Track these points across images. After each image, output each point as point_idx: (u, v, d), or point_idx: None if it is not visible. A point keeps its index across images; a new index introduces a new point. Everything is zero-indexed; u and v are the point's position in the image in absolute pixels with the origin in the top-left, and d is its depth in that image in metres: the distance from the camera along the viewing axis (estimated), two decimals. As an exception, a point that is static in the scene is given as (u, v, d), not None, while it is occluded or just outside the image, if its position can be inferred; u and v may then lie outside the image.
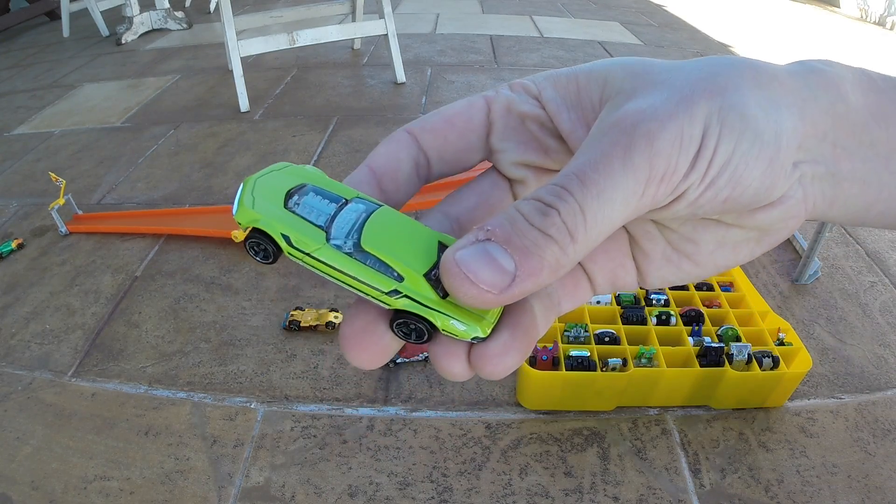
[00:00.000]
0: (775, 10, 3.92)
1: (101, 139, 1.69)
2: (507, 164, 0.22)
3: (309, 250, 0.17)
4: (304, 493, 0.71)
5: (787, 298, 1.07)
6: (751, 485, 0.74)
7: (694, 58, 0.19)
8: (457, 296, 0.16)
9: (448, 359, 0.18)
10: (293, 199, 0.18)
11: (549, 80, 0.22)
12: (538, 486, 0.73)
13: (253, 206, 0.18)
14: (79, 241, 1.21)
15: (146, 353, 0.92)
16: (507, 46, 2.56)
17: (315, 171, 0.20)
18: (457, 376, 0.18)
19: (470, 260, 0.16)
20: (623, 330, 0.84)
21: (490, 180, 0.22)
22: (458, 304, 0.17)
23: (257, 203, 0.18)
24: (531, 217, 0.16)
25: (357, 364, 0.19)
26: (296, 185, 0.19)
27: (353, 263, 0.17)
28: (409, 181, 0.21)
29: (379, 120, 1.78)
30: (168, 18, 2.85)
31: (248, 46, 1.81)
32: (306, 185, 0.19)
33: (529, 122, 0.21)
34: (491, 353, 0.17)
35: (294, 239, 0.18)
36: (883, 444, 0.80)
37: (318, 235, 0.18)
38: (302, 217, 0.18)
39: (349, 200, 0.18)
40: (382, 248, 0.17)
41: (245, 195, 0.18)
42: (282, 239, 0.18)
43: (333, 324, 0.95)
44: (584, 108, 0.20)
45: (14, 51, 2.71)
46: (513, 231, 0.16)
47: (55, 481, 0.73)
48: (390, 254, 0.17)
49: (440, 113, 0.22)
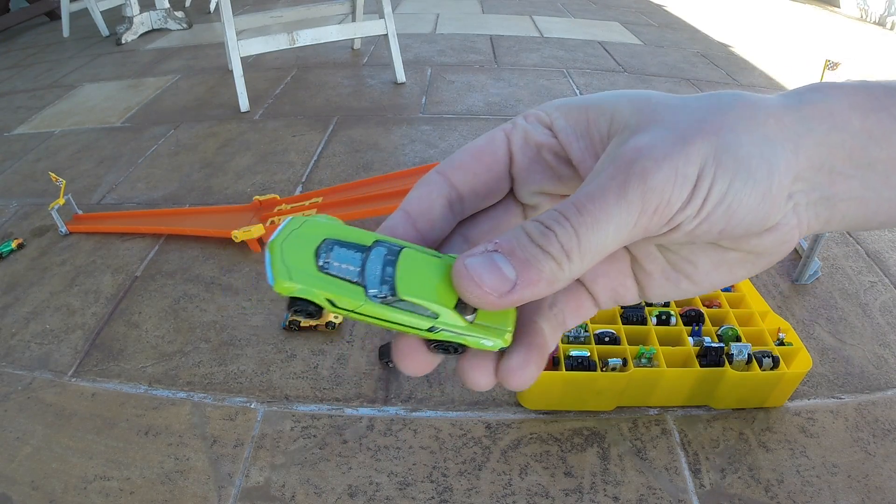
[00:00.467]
0: (775, 10, 3.91)
1: (101, 139, 1.69)
2: (525, 193, 0.24)
3: (353, 308, 0.19)
4: (304, 493, 0.71)
5: (787, 298, 1.07)
6: (751, 485, 0.74)
7: (694, 57, 0.19)
8: (464, 296, 0.19)
9: (476, 372, 0.21)
10: (321, 258, 0.19)
11: (560, 110, 0.23)
12: (538, 486, 0.72)
13: (290, 277, 0.19)
14: (79, 241, 1.21)
15: (146, 353, 0.92)
16: (507, 46, 2.56)
17: (329, 220, 0.21)
18: (483, 387, 0.21)
19: (477, 266, 0.18)
20: (623, 330, 0.84)
21: (504, 206, 0.24)
22: (483, 326, 0.20)
23: (292, 272, 0.19)
24: (533, 235, 0.18)
25: (408, 373, 0.22)
26: (319, 242, 0.20)
27: (393, 312, 0.19)
28: (444, 219, 0.23)
29: (379, 120, 1.78)
30: (168, 18, 2.85)
31: (248, 46, 1.81)
32: (327, 240, 0.20)
33: (545, 151, 0.23)
34: (513, 368, 0.20)
35: (337, 301, 0.19)
36: (883, 444, 0.80)
37: (356, 292, 0.19)
38: (337, 277, 0.19)
39: (371, 246, 0.20)
40: (416, 292, 0.19)
41: (276, 265, 0.19)
42: (326, 303, 0.19)
43: (333, 324, 0.95)
44: (593, 138, 0.22)
45: (14, 51, 2.71)
46: (517, 245, 0.18)
47: (55, 481, 0.73)
48: (424, 296, 0.19)
49: (466, 150, 0.23)
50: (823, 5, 4.17)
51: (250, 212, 1.24)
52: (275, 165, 1.50)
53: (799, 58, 2.72)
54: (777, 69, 2.49)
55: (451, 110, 1.85)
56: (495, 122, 1.77)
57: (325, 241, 0.20)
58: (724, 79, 2.27)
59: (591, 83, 2.13)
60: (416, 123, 1.76)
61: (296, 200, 1.23)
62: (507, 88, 2.05)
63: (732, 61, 2.54)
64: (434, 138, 1.65)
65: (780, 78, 2.37)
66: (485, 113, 1.83)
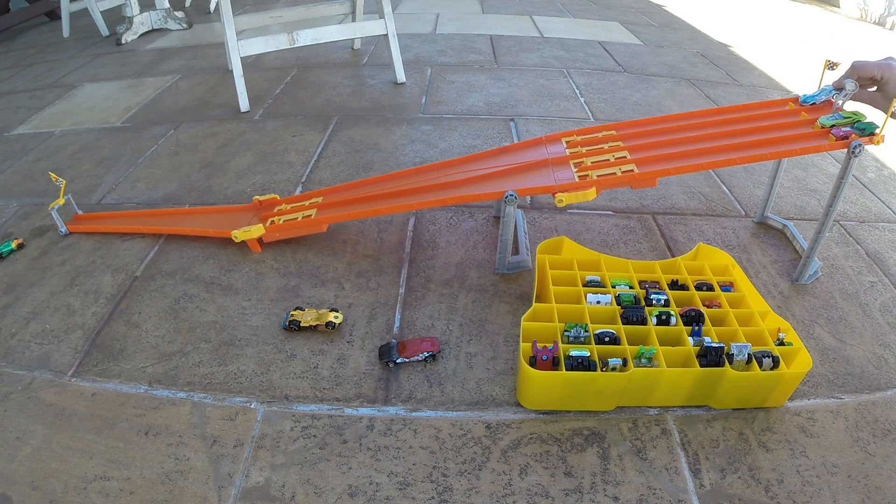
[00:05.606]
0: (775, 10, 3.91)
1: (101, 139, 1.69)
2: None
3: None
4: (304, 493, 0.71)
5: (787, 298, 1.07)
6: (751, 485, 0.74)
7: (694, 57, 0.19)
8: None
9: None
10: None
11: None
12: (538, 486, 0.73)
13: None
14: (79, 241, 1.21)
15: (146, 353, 0.92)
16: (507, 46, 2.56)
17: None
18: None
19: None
20: (623, 330, 0.84)
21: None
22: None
23: None
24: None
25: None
26: None
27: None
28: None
29: (379, 120, 1.78)
30: (168, 18, 2.85)
31: (248, 46, 1.82)
32: None
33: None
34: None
35: None
36: (883, 444, 0.80)
37: None
38: None
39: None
40: None
41: None
42: None
43: (333, 324, 0.95)
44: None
45: (14, 51, 2.71)
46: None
47: (55, 481, 0.73)
48: None
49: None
50: (823, 5, 4.16)
51: (250, 212, 1.24)
52: (275, 165, 1.50)
53: (799, 58, 2.72)
54: (777, 69, 2.49)
55: (451, 110, 1.85)
56: (495, 122, 1.77)
57: None
58: (724, 79, 2.27)
59: (591, 83, 2.13)
60: (416, 123, 1.76)
61: (296, 200, 1.23)
62: (507, 88, 2.05)
63: (732, 61, 2.54)
64: (434, 138, 1.65)
65: (780, 78, 2.37)
66: (485, 113, 1.83)
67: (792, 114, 1.07)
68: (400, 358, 0.89)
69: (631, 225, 1.27)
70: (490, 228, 1.25)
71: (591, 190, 0.98)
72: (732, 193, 1.42)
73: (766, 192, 1.27)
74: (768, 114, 1.10)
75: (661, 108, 1.92)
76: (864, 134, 0.95)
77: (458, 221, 1.27)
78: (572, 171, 1.04)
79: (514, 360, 0.91)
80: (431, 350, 0.90)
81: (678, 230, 1.26)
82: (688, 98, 2.04)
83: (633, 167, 1.00)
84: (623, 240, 1.22)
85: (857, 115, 0.98)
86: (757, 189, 1.44)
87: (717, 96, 2.08)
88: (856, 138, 0.94)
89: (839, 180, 0.98)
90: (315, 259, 1.14)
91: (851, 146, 0.93)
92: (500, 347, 0.94)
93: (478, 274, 1.10)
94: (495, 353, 0.93)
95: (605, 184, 1.00)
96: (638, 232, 1.25)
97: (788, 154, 1.01)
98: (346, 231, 1.23)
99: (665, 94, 2.07)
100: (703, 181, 1.47)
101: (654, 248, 1.20)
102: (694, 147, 1.03)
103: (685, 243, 1.21)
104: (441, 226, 1.25)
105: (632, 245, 1.21)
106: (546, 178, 1.05)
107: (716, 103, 2.01)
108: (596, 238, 1.23)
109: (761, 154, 0.98)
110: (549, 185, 1.02)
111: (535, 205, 1.35)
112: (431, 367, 0.90)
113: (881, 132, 0.94)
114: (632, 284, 0.95)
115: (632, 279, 0.96)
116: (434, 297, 1.04)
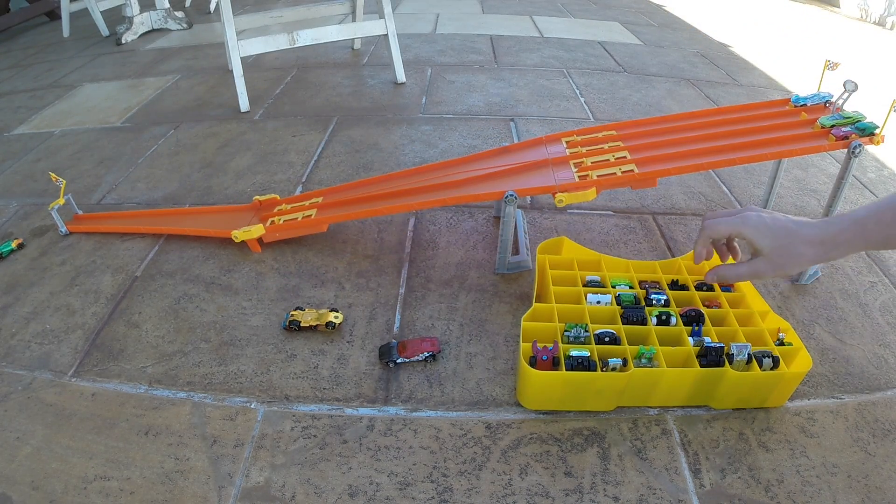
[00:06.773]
0: (775, 10, 3.91)
1: (101, 139, 1.69)
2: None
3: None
4: (304, 493, 0.71)
5: (787, 298, 1.07)
6: (751, 485, 0.74)
7: (694, 57, 0.20)
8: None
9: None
10: None
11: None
12: (538, 486, 0.72)
13: None
14: (79, 241, 1.21)
15: (146, 353, 0.92)
16: (507, 46, 2.56)
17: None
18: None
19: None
20: (623, 330, 0.84)
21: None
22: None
23: None
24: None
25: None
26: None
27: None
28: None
29: (379, 120, 1.78)
30: (168, 18, 2.85)
31: (248, 46, 1.82)
32: None
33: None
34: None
35: None
36: (883, 444, 0.80)
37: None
38: None
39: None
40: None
41: None
42: None
43: (333, 324, 0.95)
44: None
45: (14, 51, 2.71)
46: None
47: (55, 481, 0.73)
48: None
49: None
50: (823, 5, 4.17)
51: (250, 212, 1.24)
52: (275, 165, 1.50)
53: (799, 58, 2.72)
54: (777, 69, 2.49)
55: (451, 110, 1.85)
56: (495, 122, 1.77)
57: None
58: (724, 79, 2.27)
59: (591, 83, 2.13)
60: (417, 123, 1.76)
61: (296, 200, 1.23)
62: (508, 88, 2.05)
63: (732, 61, 2.54)
64: (434, 138, 1.65)
65: (780, 78, 2.37)
66: (485, 113, 1.83)
67: (792, 114, 1.07)
68: (400, 358, 0.89)
69: (631, 225, 1.27)
70: (490, 228, 1.25)
71: (591, 190, 0.98)
72: (732, 193, 1.42)
73: (766, 193, 1.27)
74: (768, 114, 1.10)
75: (661, 109, 1.92)
76: (864, 134, 0.95)
77: (458, 221, 1.27)
78: (572, 171, 1.04)
79: (514, 360, 0.91)
80: (431, 350, 0.90)
81: (678, 230, 1.26)
82: (688, 98, 2.04)
83: (633, 167, 1.00)
84: (623, 240, 1.22)
85: (858, 116, 0.98)
86: (757, 189, 1.44)
87: (717, 96, 2.08)
88: (856, 138, 0.94)
89: (839, 180, 0.98)
90: (315, 259, 1.14)
91: (851, 146, 0.93)
92: (500, 347, 0.94)
93: (478, 274, 1.10)
94: (495, 353, 0.93)
95: (606, 184, 1.00)
96: (638, 232, 1.25)
97: (788, 154, 1.01)
98: (346, 231, 1.23)
99: (665, 94, 2.07)
100: (703, 181, 1.47)
101: (654, 248, 1.20)
102: (694, 147, 1.03)
103: (685, 243, 1.21)
104: (441, 226, 1.25)
105: (632, 245, 1.21)
106: (546, 178, 1.05)
107: (716, 103, 2.01)
108: (596, 238, 1.23)
109: (761, 154, 0.98)
110: (549, 185, 1.02)
111: (535, 205, 1.35)
112: (431, 367, 0.90)
113: (881, 132, 0.94)
114: (632, 284, 0.95)
115: (632, 279, 0.96)
116: (434, 297, 1.04)
